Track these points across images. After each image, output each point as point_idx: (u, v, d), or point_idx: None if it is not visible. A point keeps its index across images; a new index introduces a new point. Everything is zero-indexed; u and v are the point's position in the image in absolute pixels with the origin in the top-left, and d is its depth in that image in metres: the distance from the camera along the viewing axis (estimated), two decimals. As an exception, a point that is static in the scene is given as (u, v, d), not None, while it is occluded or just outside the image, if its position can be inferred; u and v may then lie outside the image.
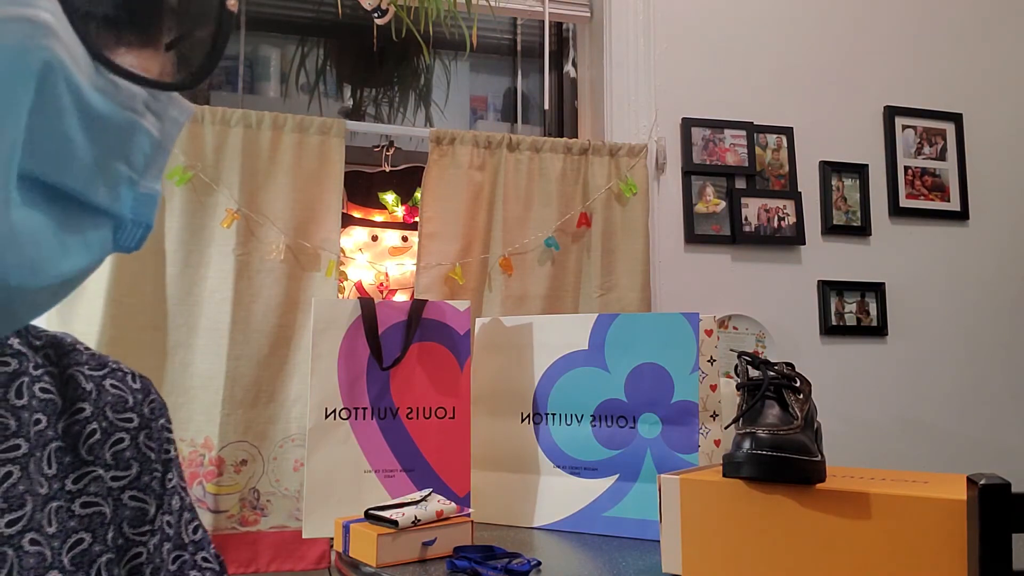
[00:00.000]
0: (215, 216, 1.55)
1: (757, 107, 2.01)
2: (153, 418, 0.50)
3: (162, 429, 0.51)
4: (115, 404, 0.48)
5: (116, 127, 0.34)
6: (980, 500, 0.69)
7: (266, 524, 1.51)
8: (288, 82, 2.04)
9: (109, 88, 0.33)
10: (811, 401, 0.97)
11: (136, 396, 0.50)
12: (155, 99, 0.36)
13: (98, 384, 0.48)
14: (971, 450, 2.06)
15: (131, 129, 0.35)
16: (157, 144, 0.37)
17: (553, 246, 1.71)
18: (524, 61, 2.22)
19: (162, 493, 0.49)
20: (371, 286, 1.78)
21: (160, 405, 0.52)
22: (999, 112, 2.21)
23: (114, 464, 0.46)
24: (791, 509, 0.84)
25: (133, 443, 0.48)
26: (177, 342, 1.52)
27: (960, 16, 2.22)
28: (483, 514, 1.27)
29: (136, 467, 0.48)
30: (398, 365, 1.25)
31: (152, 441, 0.49)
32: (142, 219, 0.37)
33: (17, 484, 0.40)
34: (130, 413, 0.48)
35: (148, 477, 0.48)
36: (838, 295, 2.02)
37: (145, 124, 0.36)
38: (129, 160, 0.36)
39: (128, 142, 0.35)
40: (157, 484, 0.49)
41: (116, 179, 0.35)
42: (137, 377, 0.51)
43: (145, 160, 0.37)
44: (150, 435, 0.49)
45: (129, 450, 0.48)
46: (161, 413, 0.51)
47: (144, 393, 0.51)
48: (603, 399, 1.23)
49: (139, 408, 0.49)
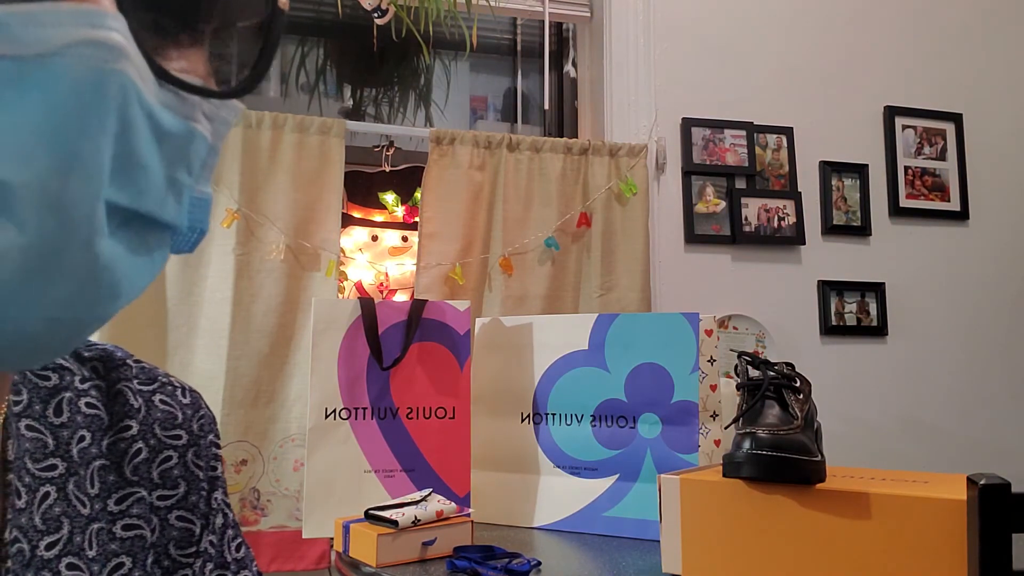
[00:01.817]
0: (215, 216, 1.55)
1: (757, 107, 2.01)
2: (202, 435, 0.49)
3: (210, 445, 0.49)
4: (164, 421, 0.47)
5: (180, 139, 0.33)
6: (980, 500, 0.69)
7: (266, 524, 1.51)
8: (288, 82, 2.04)
9: (173, 102, 0.32)
10: (811, 401, 0.97)
11: (186, 412, 0.48)
12: (213, 105, 0.35)
13: (147, 400, 0.47)
14: (971, 450, 2.06)
15: (191, 138, 0.34)
16: (212, 148, 0.36)
17: (553, 246, 1.71)
18: (524, 61, 2.21)
19: (208, 512, 0.47)
20: (371, 286, 1.78)
21: (210, 420, 0.50)
22: (999, 112, 2.21)
23: (161, 483, 0.45)
24: (791, 509, 0.84)
25: (181, 461, 0.47)
26: (177, 342, 1.52)
27: (960, 16, 2.22)
28: (483, 514, 1.26)
29: (184, 486, 0.46)
30: (398, 365, 1.25)
31: (200, 459, 0.48)
32: (198, 224, 0.37)
33: (54, 506, 0.39)
34: (179, 430, 0.47)
35: (196, 496, 0.47)
36: (838, 295, 2.02)
37: (201, 130, 0.35)
38: (189, 168, 0.35)
39: (188, 151, 0.34)
40: (203, 503, 0.47)
41: (180, 191, 0.35)
42: (188, 392, 0.50)
43: (201, 166, 0.36)
44: (198, 452, 0.48)
45: (177, 468, 0.46)
46: (211, 428, 0.50)
47: (194, 408, 0.49)
48: (603, 399, 1.23)
49: (188, 424, 0.48)
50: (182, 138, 0.33)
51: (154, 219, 0.33)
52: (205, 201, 0.37)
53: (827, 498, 0.82)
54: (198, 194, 0.36)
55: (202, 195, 0.37)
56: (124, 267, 0.32)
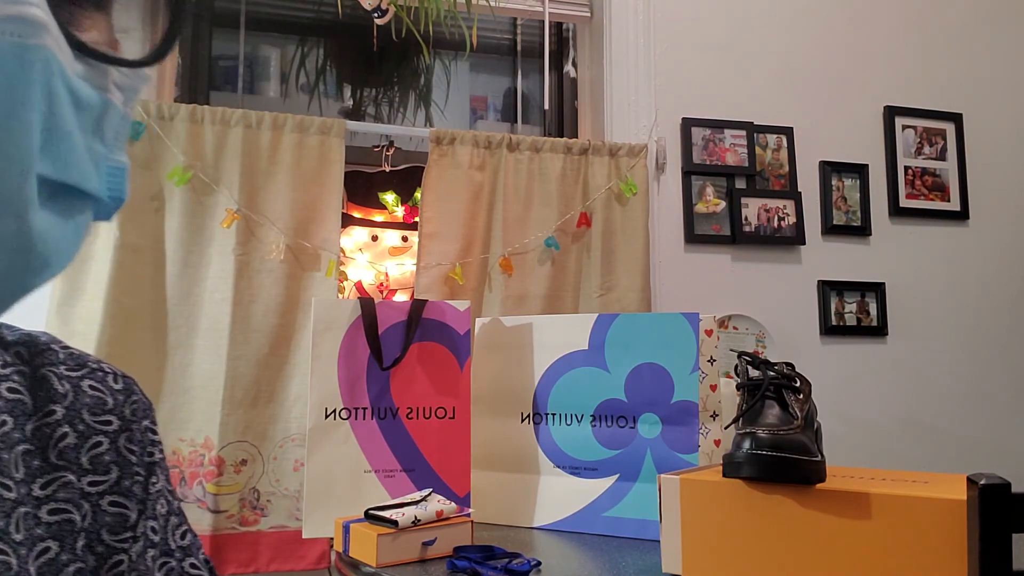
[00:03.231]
0: (215, 216, 1.55)
1: (757, 107, 2.02)
2: (135, 419, 0.48)
3: (146, 431, 0.49)
4: (93, 406, 0.46)
5: (96, 110, 0.34)
6: (980, 500, 0.69)
7: (266, 524, 1.51)
8: (288, 82, 2.04)
9: (88, 73, 0.33)
10: (811, 401, 0.97)
11: (117, 397, 0.48)
12: (122, 74, 0.36)
13: (75, 385, 0.46)
14: (971, 450, 2.06)
15: (106, 108, 0.35)
16: (124, 117, 0.37)
17: (553, 246, 1.71)
18: (524, 61, 2.21)
19: (145, 498, 0.47)
20: (371, 286, 1.78)
21: (144, 406, 0.49)
22: (999, 112, 2.21)
23: (92, 469, 0.45)
24: (791, 509, 0.84)
25: (113, 447, 0.46)
26: (177, 342, 1.52)
27: (960, 16, 2.22)
28: (483, 514, 1.26)
29: (116, 471, 0.46)
30: (398, 365, 1.25)
31: (134, 444, 0.47)
32: (117, 193, 0.37)
33: None
34: (110, 416, 0.47)
35: (129, 481, 0.46)
36: (838, 295, 2.02)
37: (114, 100, 0.35)
38: (104, 138, 0.36)
39: (103, 121, 0.35)
40: (139, 489, 0.47)
41: (98, 160, 0.35)
42: (120, 377, 0.49)
43: (115, 135, 0.37)
44: (131, 438, 0.47)
45: (109, 454, 0.46)
46: (145, 414, 0.49)
47: (126, 394, 0.48)
48: (603, 399, 1.23)
49: (120, 410, 0.47)
50: (98, 108, 0.34)
51: (79, 190, 0.34)
52: (121, 170, 0.38)
53: (827, 498, 0.82)
54: (113, 163, 0.37)
55: (118, 164, 0.37)
56: (54, 238, 0.32)
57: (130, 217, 1.50)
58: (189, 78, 1.94)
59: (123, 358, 1.46)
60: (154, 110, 1.54)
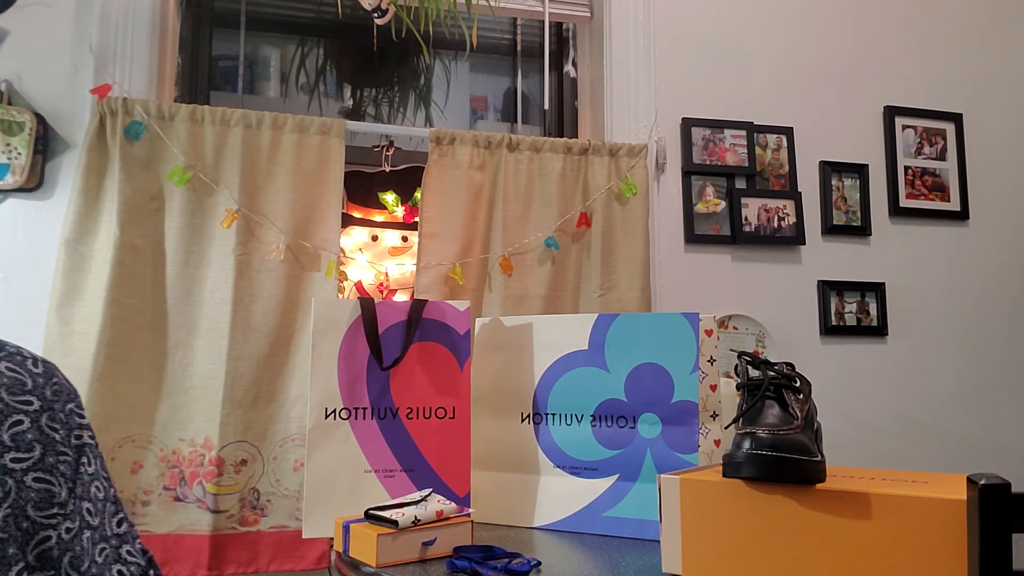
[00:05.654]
0: (215, 216, 1.55)
1: (757, 107, 2.02)
2: (56, 400, 0.50)
3: (71, 413, 0.50)
4: (11, 387, 0.48)
5: None
6: (980, 500, 0.69)
7: (266, 524, 1.51)
8: (288, 82, 2.04)
9: None
10: (811, 401, 0.97)
11: (36, 380, 0.49)
12: None
13: None
14: (971, 450, 2.06)
15: None
16: None
17: (553, 246, 1.71)
18: (524, 61, 2.21)
19: (75, 478, 0.48)
20: (371, 286, 1.78)
21: (67, 390, 0.51)
22: (999, 112, 2.21)
23: (14, 446, 0.46)
24: (791, 509, 0.84)
25: (35, 425, 0.48)
26: (177, 342, 1.52)
27: (960, 16, 2.22)
28: (483, 514, 1.27)
29: (39, 449, 0.47)
30: (398, 365, 1.25)
31: (57, 423, 0.49)
32: None
33: None
34: (29, 396, 0.48)
35: (54, 459, 0.48)
36: (838, 295, 2.02)
37: None
38: None
39: None
40: (67, 468, 0.48)
41: None
42: (40, 362, 0.51)
43: None
44: (53, 417, 0.49)
45: (31, 432, 0.47)
46: (69, 398, 0.51)
47: (46, 377, 0.50)
48: (603, 399, 1.23)
49: (40, 391, 0.49)
50: None
51: None
52: None
53: (827, 498, 0.82)
54: None
55: None
56: None
57: (130, 217, 1.50)
58: (189, 78, 1.94)
59: (123, 358, 1.47)
60: (154, 110, 1.54)
